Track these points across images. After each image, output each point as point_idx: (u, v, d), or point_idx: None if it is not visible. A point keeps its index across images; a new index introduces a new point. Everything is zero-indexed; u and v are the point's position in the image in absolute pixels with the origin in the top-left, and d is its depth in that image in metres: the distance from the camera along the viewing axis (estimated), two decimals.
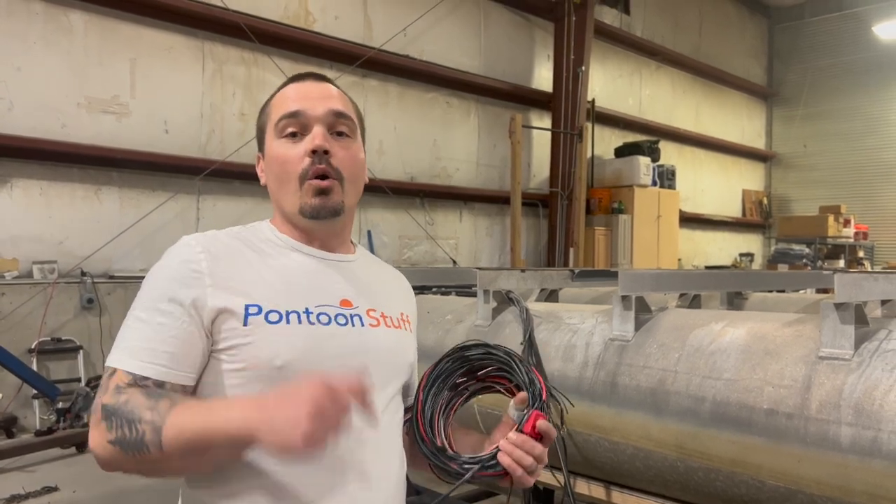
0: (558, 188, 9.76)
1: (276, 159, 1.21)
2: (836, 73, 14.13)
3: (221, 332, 1.09)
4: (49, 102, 6.02)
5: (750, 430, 1.83)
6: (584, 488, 2.32)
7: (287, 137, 1.20)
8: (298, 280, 1.17)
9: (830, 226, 11.96)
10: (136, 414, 0.99)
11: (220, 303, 1.09)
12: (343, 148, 1.21)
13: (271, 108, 1.26)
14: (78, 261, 6.08)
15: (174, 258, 1.15)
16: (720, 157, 13.93)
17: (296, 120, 1.20)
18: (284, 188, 1.20)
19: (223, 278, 1.11)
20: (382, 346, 1.21)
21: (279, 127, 1.21)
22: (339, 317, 1.16)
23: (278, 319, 1.11)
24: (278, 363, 1.08)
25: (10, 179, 5.87)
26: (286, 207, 1.22)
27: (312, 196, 1.18)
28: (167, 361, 1.07)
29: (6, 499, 4.04)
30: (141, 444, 0.99)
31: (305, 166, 1.18)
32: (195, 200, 6.92)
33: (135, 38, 6.50)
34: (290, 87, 1.27)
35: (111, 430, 1.01)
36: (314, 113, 1.20)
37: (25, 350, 5.65)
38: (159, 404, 1.00)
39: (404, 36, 8.36)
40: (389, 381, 1.22)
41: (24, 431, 5.47)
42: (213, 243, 1.17)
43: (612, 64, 11.44)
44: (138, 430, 0.99)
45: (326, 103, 1.21)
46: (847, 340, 1.76)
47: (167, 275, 1.13)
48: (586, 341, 2.31)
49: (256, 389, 1.08)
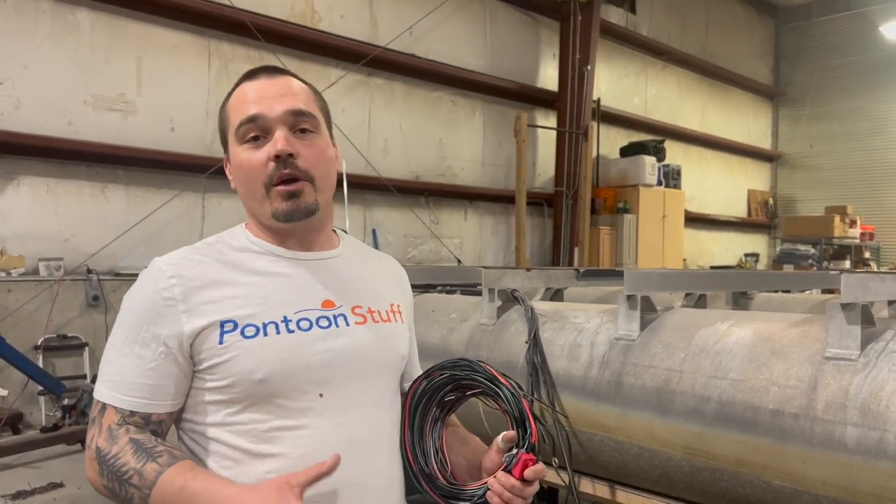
0: (563, 187, 9.75)
1: (240, 167, 1.18)
2: (842, 73, 14.08)
3: (201, 352, 1.10)
4: (56, 100, 6.04)
5: (755, 431, 1.83)
6: (589, 487, 2.32)
7: (249, 143, 1.17)
8: (276, 288, 1.15)
9: (836, 226, 11.91)
10: (126, 475, 1.05)
11: (196, 326, 1.10)
12: (307, 146, 1.17)
13: (229, 110, 1.22)
14: (84, 258, 6.10)
15: (147, 287, 1.15)
16: (726, 156, 13.89)
17: (255, 124, 1.17)
18: (252, 195, 1.18)
19: (196, 302, 1.11)
20: (370, 343, 1.19)
21: (240, 133, 1.18)
22: (321, 320, 1.15)
23: (255, 333, 1.11)
24: (259, 377, 1.09)
25: (17, 177, 5.89)
26: (258, 214, 1.20)
27: (283, 201, 1.15)
28: (150, 395, 1.10)
29: (12, 494, 4.06)
30: (130, 502, 1.06)
31: (270, 172, 1.15)
32: (200, 198, 6.94)
33: (141, 37, 6.52)
34: (245, 85, 1.22)
35: (103, 477, 1.08)
36: (273, 115, 1.16)
37: (31, 347, 5.67)
38: (145, 470, 1.04)
39: (410, 35, 8.37)
40: (381, 378, 1.22)
41: (29, 428, 5.50)
42: (184, 266, 1.16)
43: (617, 63, 11.42)
44: (127, 492, 1.05)
45: (284, 102, 1.17)
46: (853, 341, 1.75)
47: (141, 306, 1.14)
48: (591, 340, 2.31)
49: (240, 405, 1.10)
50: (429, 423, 1.23)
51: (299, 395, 1.11)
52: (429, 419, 1.23)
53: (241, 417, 1.11)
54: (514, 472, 1.12)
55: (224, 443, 1.11)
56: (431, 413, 1.23)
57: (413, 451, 1.21)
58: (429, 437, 1.22)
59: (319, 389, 1.13)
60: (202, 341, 1.10)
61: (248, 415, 1.10)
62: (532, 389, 2.34)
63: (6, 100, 5.79)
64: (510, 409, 1.15)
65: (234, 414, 1.12)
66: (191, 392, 1.15)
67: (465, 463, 1.22)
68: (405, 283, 1.39)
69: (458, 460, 1.23)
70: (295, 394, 1.11)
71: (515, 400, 1.15)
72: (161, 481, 1.04)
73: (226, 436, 1.11)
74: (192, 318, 1.11)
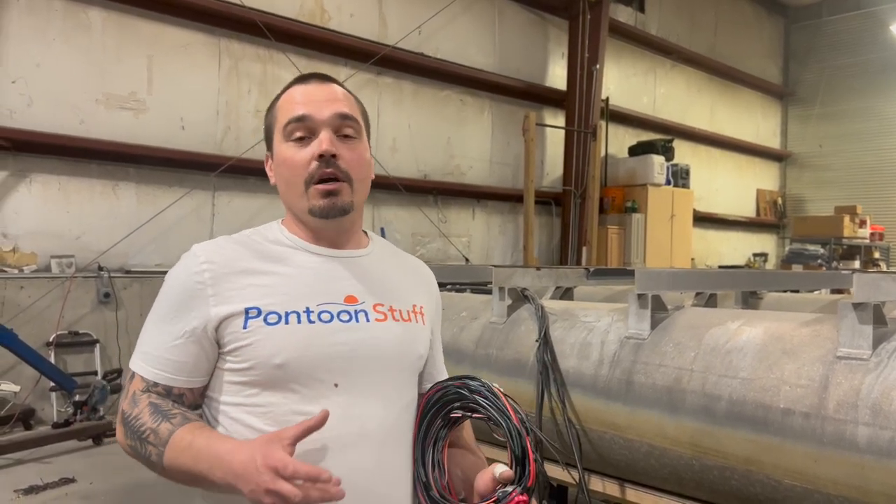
0: (572, 186, 9.74)
1: (284, 163, 1.25)
2: (852, 72, 14.00)
3: (225, 336, 1.17)
4: (68, 98, 6.08)
5: (766, 430, 1.84)
6: (599, 485, 2.33)
7: (294, 141, 1.23)
8: (302, 281, 1.22)
9: (846, 226, 11.86)
10: (144, 434, 1.14)
11: (223, 310, 1.17)
12: (349, 150, 1.24)
13: (278, 110, 1.28)
14: (95, 255, 6.14)
15: (181, 270, 1.22)
16: (735, 156, 13.85)
17: (302, 124, 1.23)
18: (292, 191, 1.25)
19: (225, 287, 1.18)
20: (388, 340, 1.23)
21: (286, 131, 1.24)
22: (342, 314, 1.20)
23: (277, 321, 1.17)
24: (277, 361, 1.15)
25: (30, 174, 5.94)
26: (295, 209, 1.27)
27: (321, 198, 1.22)
28: (173, 370, 1.19)
29: (24, 489, 4.10)
30: (149, 461, 1.15)
31: (312, 170, 1.22)
32: (211, 197, 6.97)
33: (152, 36, 6.55)
34: (295, 88, 1.29)
35: (128, 438, 1.18)
36: (320, 117, 1.23)
37: (43, 343, 5.72)
38: (160, 429, 1.13)
39: (419, 34, 8.38)
40: (396, 374, 1.26)
41: (41, 423, 5.54)
42: (217, 253, 1.22)
43: (626, 62, 11.40)
44: (146, 450, 1.14)
45: (332, 106, 1.24)
46: (865, 340, 1.76)
47: (173, 287, 1.21)
48: (602, 339, 2.31)
49: (259, 388, 1.17)
50: (433, 432, 1.24)
51: (315, 382, 1.16)
52: (434, 429, 1.25)
53: (258, 399, 1.17)
54: None
55: (243, 423, 1.17)
56: (437, 424, 1.24)
57: (415, 457, 1.24)
58: (430, 446, 1.24)
59: (335, 379, 1.18)
60: (227, 325, 1.17)
61: (265, 397, 1.16)
62: (542, 388, 2.35)
63: (19, 98, 5.84)
64: (512, 445, 1.14)
65: (253, 396, 1.18)
66: (215, 373, 1.22)
67: (462, 475, 1.24)
68: (432, 286, 1.44)
69: (455, 471, 1.25)
70: (311, 381, 1.16)
71: (520, 438, 1.14)
72: (172, 439, 1.12)
73: (245, 416, 1.17)
74: (218, 302, 1.17)
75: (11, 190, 5.87)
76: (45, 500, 4.03)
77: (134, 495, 4.13)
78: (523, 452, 1.13)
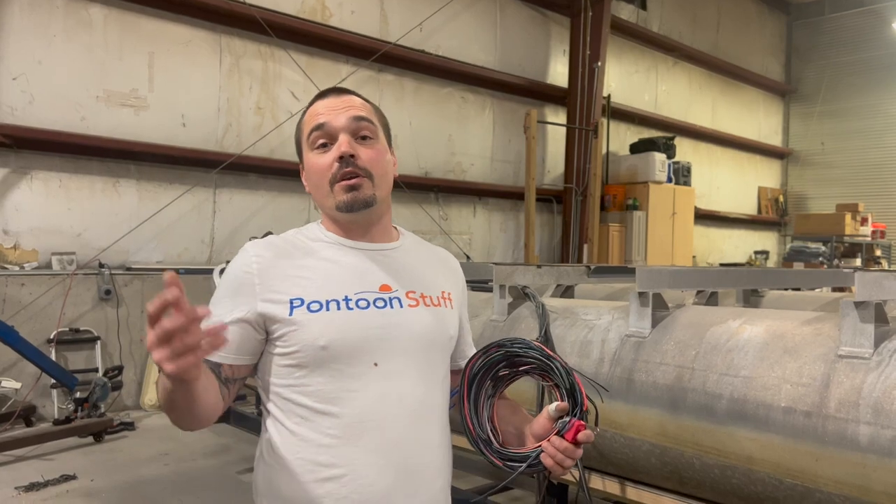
0: (573, 184, 9.73)
1: (311, 169, 1.39)
2: (854, 69, 13.98)
3: (273, 323, 1.31)
4: (69, 95, 6.08)
5: (767, 428, 1.84)
6: (599, 484, 2.33)
7: (318, 149, 1.38)
8: (340, 272, 1.35)
9: (847, 224, 11.84)
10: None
11: (269, 299, 1.30)
12: (367, 148, 1.37)
13: (304, 124, 1.42)
14: (96, 252, 6.15)
15: (235, 263, 1.37)
16: (736, 154, 13.83)
17: (323, 132, 1.37)
18: (320, 192, 1.38)
19: (270, 278, 1.32)
20: (420, 323, 1.36)
21: (310, 140, 1.38)
22: (377, 301, 1.34)
23: (319, 308, 1.30)
24: (322, 343, 1.28)
25: (31, 171, 5.94)
26: (325, 208, 1.40)
27: (344, 193, 1.35)
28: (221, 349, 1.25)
29: (25, 486, 4.10)
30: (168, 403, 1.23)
31: (335, 171, 1.35)
32: (212, 194, 6.97)
33: (153, 32, 6.55)
34: (317, 103, 1.42)
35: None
36: (338, 123, 1.37)
37: (44, 340, 5.73)
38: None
39: (420, 31, 8.37)
40: (429, 354, 1.38)
41: (42, 420, 5.54)
42: (266, 248, 1.37)
43: (628, 59, 11.38)
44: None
45: (348, 112, 1.38)
46: (867, 339, 1.75)
47: (227, 278, 1.36)
48: (602, 337, 2.31)
49: (306, 369, 1.29)
50: (483, 395, 1.36)
51: (356, 362, 1.29)
52: (483, 392, 1.36)
53: (307, 380, 1.30)
54: (566, 436, 1.24)
55: (294, 402, 1.30)
56: (486, 386, 1.36)
57: (472, 420, 1.34)
58: (483, 408, 1.35)
59: (374, 359, 1.30)
60: (274, 314, 1.30)
61: (312, 378, 1.29)
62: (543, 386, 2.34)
63: (20, 95, 5.84)
64: (562, 382, 1.27)
65: (302, 377, 1.30)
66: (266, 357, 1.34)
67: (514, 431, 1.36)
68: (458, 274, 1.58)
69: (507, 429, 1.37)
70: (352, 361, 1.29)
71: (567, 373, 1.27)
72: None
73: (296, 396, 1.30)
74: (265, 292, 1.31)
75: (13, 187, 5.87)
76: (46, 496, 4.03)
77: (134, 492, 4.14)
78: (572, 385, 1.26)
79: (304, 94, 7.42)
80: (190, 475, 4.47)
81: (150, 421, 5.83)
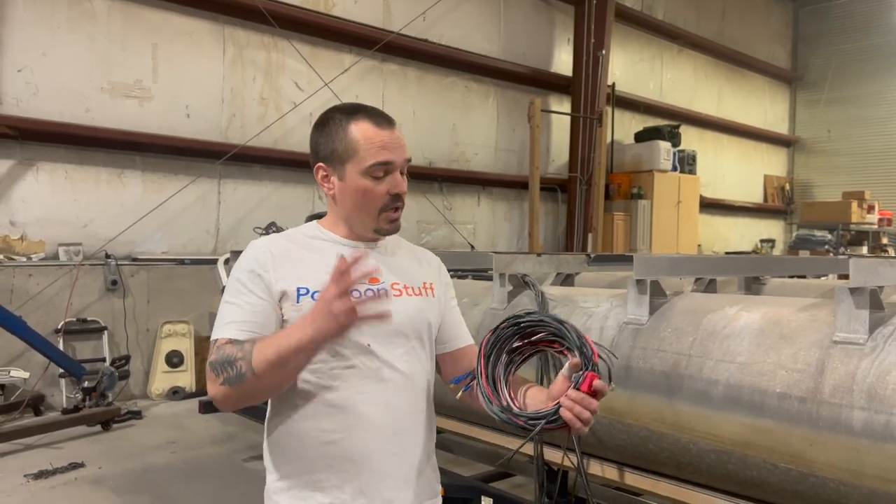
0: (577, 173, 9.72)
1: (360, 190, 1.54)
2: (861, 56, 13.87)
3: (283, 308, 1.49)
4: (73, 87, 6.11)
5: (762, 414, 1.85)
6: (598, 470, 2.35)
7: (373, 177, 1.53)
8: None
9: (854, 212, 11.80)
10: (231, 357, 1.40)
11: (280, 287, 1.48)
12: (405, 185, 1.59)
13: (356, 143, 1.53)
14: (102, 243, 6.19)
15: (249, 255, 1.53)
16: (742, 142, 13.77)
17: (385, 167, 1.54)
18: (362, 213, 1.56)
19: (281, 269, 1.50)
20: (404, 310, 1.54)
21: (370, 169, 1.52)
22: (367, 291, 1.51)
23: None
24: None
25: (37, 163, 5.98)
26: (359, 224, 1.58)
27: (388, 223, 1.58)
28: (249, 327, 1.46)
29: (34, 474, 4.16)
30: (241, 375, 1.38)
31: (386, 202, 1.55)
32: (216, 184, 7.00)
33: (157, 24, 6.56)
34: (373, 130, 1.54)
35: (219, 376, 1.41)
36: (398, 162, 1.56)
37: (52, 330, 5.78)
38: (244, 346, 1.40)
39: (423, 20, 8.35)
40: (413, 337, 1.57)
41: (51, 409, 5.61)
42: (273, 244, 1.56)
43: (632, 48, 11.33)
44: (236, 367, 1.39)
45: (404, 153, 1.58)
46: (861, 325, 1.76)
47: (245, 269, 1.51)
48: (601, 325, 2.33)
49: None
50: (500, 368, 1.47)
51: (352, 343, 1.47)
52: (500, 365, 1.47)
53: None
54: (582, 387, 1.32)
55: (302, 378, 1.48)
56: (502, 359, 1.47)
57: (493, 391, 1.45)
58: (500, 380, 1.46)
59: (367, 341, 1.49)
60: (285, 300, 1.48)
61: (315, 356, 1.43)
62: (542, 373, 2.36)
63: (25, 87, 5.87)
64: (573, 342, 1.36)
65: None
66: None
67: (532, 402, 1.46)
68: (439, 267, 1.76)
69: (525, 400, 1.47)
70: (349, 342, 1.47)
71: (577, 333, 1.37)
72: (255, 346, 1.39)
73: (303, 373, 1.46)
74: (278, 279, 1.49)
75: (19, 178, 5.91)
76: (55, 484, 4.09)
77: (142, 480, 4.19)
78: (582, 342, 1.35)
79: (307, 85, 7.43)
80: (196, 463, 4.52)
81: (158, 410, 5.89)
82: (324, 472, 1.47)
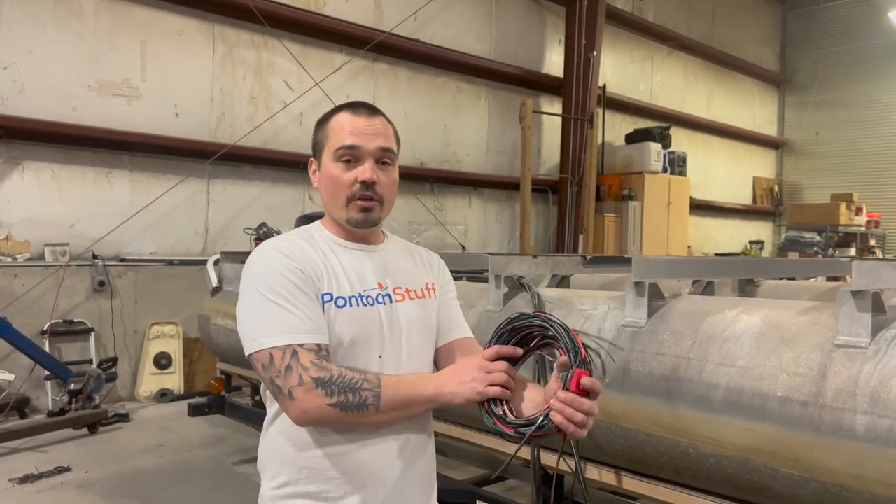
0: (568, 174, 9.71)
1: (330, 178, 1.51)
2: (849, 59, 13.97)
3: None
4: (60, 85, 6.03)
5: (763, 418, 1.83)
6: (595, 474, 2.32)
7: (342, 163, 1.50)
8: (349, 271, 1.51)
9: (842, 213, 11.88)
10: (356, 384, 1.36)
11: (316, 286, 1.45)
12: (385, 175, 1.53)
13: (330, 131, 1.53)
14: (89, 243, 6.11)
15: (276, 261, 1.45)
16: (731, 143, 13.83)
17: (351, 152, 1.50)
18: (335, 202, 1.52)
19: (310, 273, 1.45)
20: (407, 316, 1.54)
21: (336, 154, 1.50)
22: (378, 297, 1.51)
23: (344, 304, 1.46)
24: (348, 339, 1.44)
25: (23, 162, 5.89)
26: (336, 216, 1.54)
27: (358, 212, 1.50)
28: (324, 331, 1.42)
29: (20, 478, 4.09)
30: (364, 405, 1.35)
31: (354, 190, 1.49)
32: (206, 184, 6.93)
33: (145, 22, 6.49)
34: (347, 117, 1.52)
35: (332, 395, 1.34)
36: (367, 148, 1.50)
37: (38, 332, 5.70)
38: (367, 377, 1.37)
39: (415, 20, 8.32)
40: (418, 339, 1.55)
41: (36, 412, 5.53)
42: (286, 245, 1.49)
43: (623, 49, 11.34)
44: (361, 395, 1.35)
45: (377, 140, 1.51)
46: (864, 328, 1.74)
47: (284, 275, 1.42)
48: (598, 327, 2.30)
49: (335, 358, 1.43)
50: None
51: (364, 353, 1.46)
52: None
53: None
54: (570, 386, 1.26)
55: None
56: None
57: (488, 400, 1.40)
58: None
59: (379, 352, 1.48)
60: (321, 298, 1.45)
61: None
62: (538, 376, 2.34)
63: (11, 84, 5.78)
64: (562, 338, 1.32)
65: None
66: None
67: (529, 405, 1.41)
68: (438, 266, 1.73)
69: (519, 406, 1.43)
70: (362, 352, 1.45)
71: (566, 331, 1.32)
72: (383, 381, 1.38)
73: None
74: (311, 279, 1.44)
75: (4, 177, 5.83)
76: (41, 488, 4.02)
77: (130, 484, 4.13)
78: (571, 340, 1.31)
79: (297, 84, 7.37)
80: (185, 466, 4.46)
81: (145, 412, 5.82)
82: (325, 483, 1.43)
